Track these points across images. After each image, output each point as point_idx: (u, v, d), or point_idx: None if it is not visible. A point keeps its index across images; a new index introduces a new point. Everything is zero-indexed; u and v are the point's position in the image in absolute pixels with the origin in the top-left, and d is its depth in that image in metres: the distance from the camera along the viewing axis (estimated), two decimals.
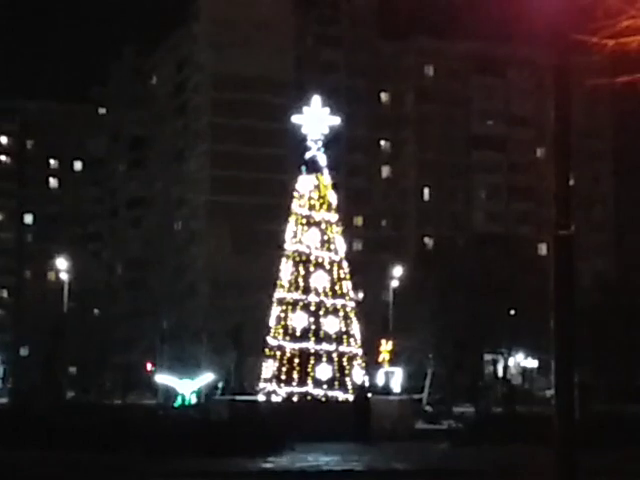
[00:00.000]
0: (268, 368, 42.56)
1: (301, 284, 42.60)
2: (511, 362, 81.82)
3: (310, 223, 43.38)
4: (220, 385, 61.80)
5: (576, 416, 11.46)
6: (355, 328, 42.96)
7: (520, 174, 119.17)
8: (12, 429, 31.81)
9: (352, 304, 43.43)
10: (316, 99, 44.65)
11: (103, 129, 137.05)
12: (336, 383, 41.53)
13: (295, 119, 45.02)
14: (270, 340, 42.74)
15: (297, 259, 43.07)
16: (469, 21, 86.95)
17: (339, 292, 42.78)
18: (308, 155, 44.20)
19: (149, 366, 79.32)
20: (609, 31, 12.44)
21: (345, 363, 42.04)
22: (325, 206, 43.76)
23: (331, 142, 46.57)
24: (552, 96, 11.64)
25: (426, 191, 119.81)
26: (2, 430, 31.78)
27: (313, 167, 44.05)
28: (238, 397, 46.03)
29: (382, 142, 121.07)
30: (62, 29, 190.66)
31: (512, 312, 75.37)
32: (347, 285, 43.29)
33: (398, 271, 71.78)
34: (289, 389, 41.50)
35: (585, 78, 14.93)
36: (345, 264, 43.55)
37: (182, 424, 34.76)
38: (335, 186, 45.50)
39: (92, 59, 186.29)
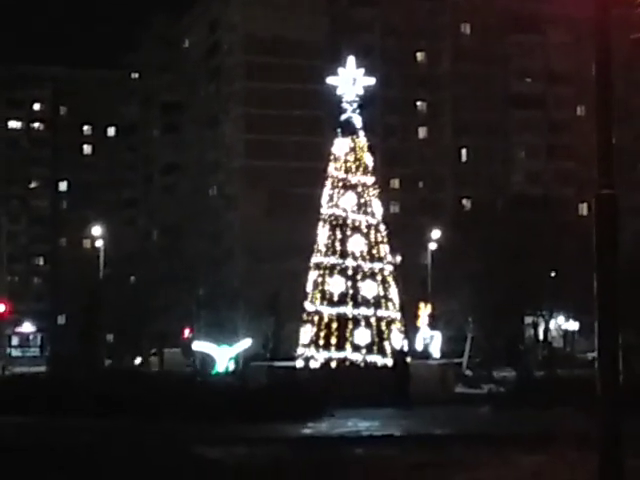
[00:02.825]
0: (306, 333, 42.44)
1: (338, 248, 42.39)
2: (552, 324, 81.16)
3: (346, 186, 43.11)
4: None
5: (620, 379, 11.15)
6: (393, 292, 42.70)
7: (560, 133, 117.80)
8: (51, 397, 31.83)
9: (390, 268, 43.16)
10: (351, 60, 44.24)
11: (136, 94, 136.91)
12: (375, 348, 41.37)
13: (330, 80, 44.63)
14: (308, 305, 42.58)
15: (334, 223, 42.84)
16: None
17: (376, 256, 42.52)
18: (343, 117, 43.85)
19: (187, 332, 79.44)
20: None
21: (384, 327, 41.85)
22: (361, 169, 43.45)
23: (366, 103, 46.14)
24: (592, 52, 11.22)
25: (464, 152, 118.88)
26: (41, 398, 31.80)
27: (349, 129, 43.71)
28: (276, 363, 45.97)
29: (418, 103, 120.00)
30: None
31: (553, 274, 74.67)
32: (384, 248, 43.00)
33: (436, 234, 71.37)
34: (327, 354, 41.37)
35: (626, 32, 14.49)
36: (382, 227, 43.26)
37: (221, 391, 34.62)
38: (371, 148, 45.16)
39: (123, 24, 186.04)
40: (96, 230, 69.47)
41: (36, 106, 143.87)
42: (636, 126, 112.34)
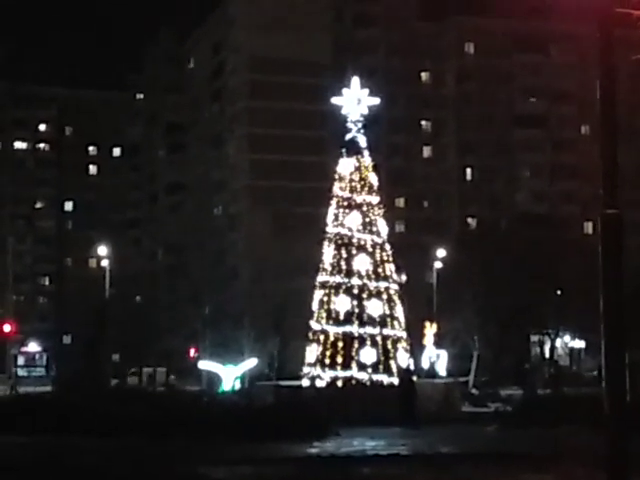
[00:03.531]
0: (312, 352, 42.41)
1: (343, 267, 42.39)
2: (558, 343, 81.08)
3: (351, 206, 43.16)
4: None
5: (626, 397, 11.17)
6: (399, 311, 42.69)
7: (564, 152, 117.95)
8: (57, 417, 31.77)
9: (395, 287, 43.16)
10: (355, 80, 44.35)
11: (141, 115, 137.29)
12: (381, 367, 41.31)
13: (335, 100, 44.76)
14: (313, 324, 42.56)
15: (339, 242, 42.88)
16: None
17: (382, 275, 42.52)
18: (348, 137, 43.93)
19: (192, 352, 79.44)
20: None
21: (389, 346, 41.81)
22: (366, 188, 43.50)
23: (371, 123, 46.24)
24: (596, 72, 11.33)
25: (468, 171, 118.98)
26: (47, 418, 31.75)
27: (353, 149, 43.78)
28: (282, 382, 45.95)
29: (423, 122, 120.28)
30: (98, 15, 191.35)
31: (558, 292, 74.64)
32: (390, 267, 43.01)
33: (441, 252, 71.31)
34: (333, 373, 41.31)
35: (630, 52, 14.61)
36: (387, 246, 43.28)
37: (226, 410, 34.57)
38: (376, 167, 45.21)
39: (128, 45, 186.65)
40: (101, 250, 69.44)
41: (42, 127, 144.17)
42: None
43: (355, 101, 43.71)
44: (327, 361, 41.50)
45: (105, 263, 66.40)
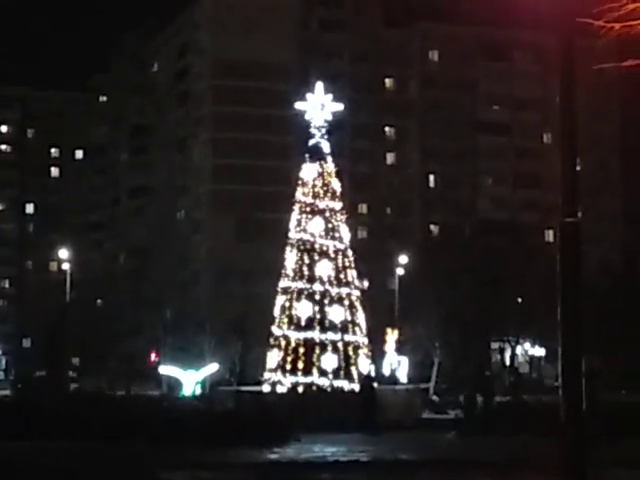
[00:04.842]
0: (273, 358, 42.39)
1: (306, 273, 42.42)
2: (518, 350, 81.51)
3: (314, 211, 43.21)
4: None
5: (584, 405, 11.24)
6: (360, 317, 42.76)
7: (527, 160, 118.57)
8: (15, 421, 31.57)
9: (357, 293, 43.23)
10: (319, 85, 44.41)
11: (104, 117, 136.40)
12: (342, 373, 41.38)
13: (299, 106, 44.79)
14: (275, 330, 42.55)
15: (301, 248, 42.90)
16: (473, 5, 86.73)
17: (344, 281, 42.59)
18: (312, 142, 43.98)
19: (153, 356, 79.15)
20: (615, 14, 12.23)
21: (351, 352, 41.87)
22: (329, 194, 43.56)
23: (335, 129, 46.36)
24: (558, 80, 11.42)
25: (431, 178, 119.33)
26: (6, 422, 31.53)
27: (317, 154, 43.82)
28: (243, 387, 45.92)
29: (387, 128, 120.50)
30: (63, 16, 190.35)
31: (519, 299, 75.06)
32: (352, 274, 43.09)
33: (403, 259, 71.50)
34: (294, 379, 41.32)
35: (591, 62, 14.75)
36: (350, 252, 43.36)
37: (187, 415, 34.49)
38: (339, 173, 45.30)
39: (93, 47, 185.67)
40: (63, 253, 69.06)
41: (3, 128, 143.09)
42: (600, 154, 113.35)
43: (319, 106, 43.76)
44: (288, 367, 41.51)
45: (66, 266, 65.99)
